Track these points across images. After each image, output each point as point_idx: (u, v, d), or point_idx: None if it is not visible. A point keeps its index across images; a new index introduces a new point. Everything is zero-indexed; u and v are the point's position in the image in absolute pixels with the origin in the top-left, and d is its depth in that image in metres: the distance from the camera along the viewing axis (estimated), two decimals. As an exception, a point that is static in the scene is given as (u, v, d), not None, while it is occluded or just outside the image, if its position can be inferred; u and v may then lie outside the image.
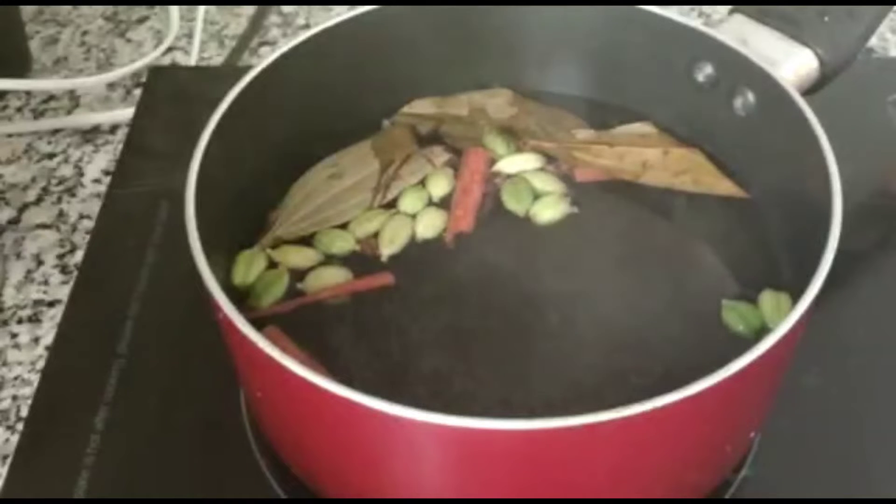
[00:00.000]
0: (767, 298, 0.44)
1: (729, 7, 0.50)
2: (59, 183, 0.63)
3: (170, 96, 0.65)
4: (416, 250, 0.47)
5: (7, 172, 0.63)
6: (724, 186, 0.49)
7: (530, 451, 0.35)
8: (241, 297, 0.44)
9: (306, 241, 0.47)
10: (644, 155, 0.50)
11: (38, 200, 0.62)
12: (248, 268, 0.45)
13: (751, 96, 0.47)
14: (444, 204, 0.49)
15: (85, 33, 0.75)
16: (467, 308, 0.44)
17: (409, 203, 0.48)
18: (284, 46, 0.47)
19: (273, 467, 0.45)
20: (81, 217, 0.60)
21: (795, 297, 0.37)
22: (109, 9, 0.77)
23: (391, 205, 0.48)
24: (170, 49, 0.73)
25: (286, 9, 0.77)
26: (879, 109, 0.62)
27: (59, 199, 0.61)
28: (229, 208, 0.44)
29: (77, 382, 0.49)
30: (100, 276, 0.54)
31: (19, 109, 0.68)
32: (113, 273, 0.54)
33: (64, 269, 0.57)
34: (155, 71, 0.67)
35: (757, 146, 0.47)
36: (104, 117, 0.66)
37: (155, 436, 0.47)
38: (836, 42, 0.48)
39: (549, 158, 0.51)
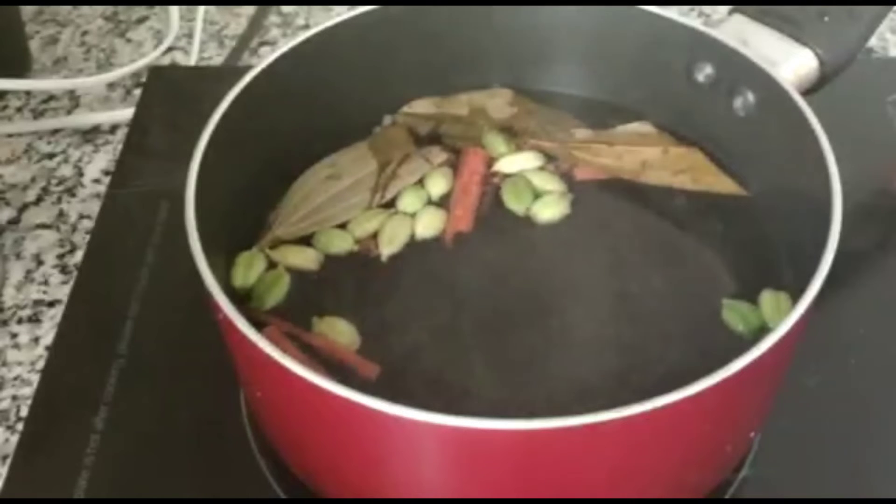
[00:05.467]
0: (767, 298, 0.44)
1: (729, 7, 0.50)
2: (59, 183, 0.63)
3: (170, 96, 0.65)
4: (415, 250, 0.47)
5: (7, 172, 0.63)
6: (724, 185, 0.49)
7: (530, 451, 0.35)
8: (241, 298, 0.44)
9: (305, 241, 0.47)
10: (644, 154, 0.50)
11: (38, 200, 0.62)
12: (248, 270, 0.45)
13: (751, 96, 0.47)
14: (443, 203, 0.49)
15: (85, 33, 0.75)
16: (467, 308, 0.44)
17: (408, 202, 0.48)
18: (284, 46, 0.47)
19: (273, 467, 0.45)
20: (81, 217, 0.60)
21: (795, 297, 0.37)
22: (109, 9, 0.77)
23: (390, 204, 0.48)
24: (170, 49, 0.73)
25: (286, 9, 0.77)
26: (879, 109, 0.62)
27: (59, 199, 0.61)
28: (229, 208, 0.44)
29: (77, 382, 0.49)
30: (100, 276, 0.54)
31: (19, 109, 0.68)
32: (113, 273, 0.54)
33: (64, 269, 0.57)
34: (155, 71, 0.67)
35: (757, 146, 0.47)
36: (104, 117, 0.66)
37: (155, 436, 0.47)
38: (836, 42, 0.48)
39: (549, 157, 0.51)
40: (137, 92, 0.67)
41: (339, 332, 0.43)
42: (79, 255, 0.57)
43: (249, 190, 0.46)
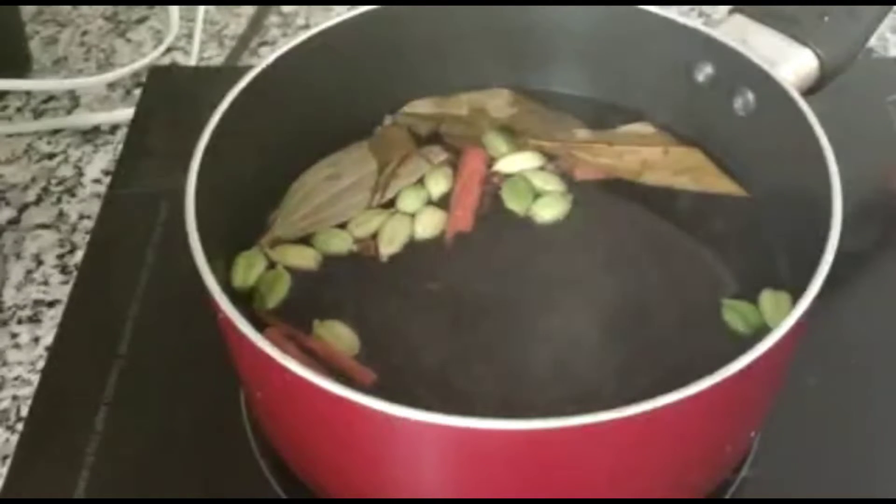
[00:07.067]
0: (767, 298, 0.44)
1: (729, 7, 0.50)
2: (59, 183, 0.63)
3: (170, 96, 0.65)
4: (415, 250, 0.47)
5: (7, 172, 0.63)
6: (724, 185, 0.49)
7: (530, 451, 0.35)
8: (242, 298, 0.44)
9: (305, 240, 0.47)
10: (644, 154, 0.50)
11: (38, 200, 0.62)
12: (248, 270, 0.45)
13: (751, 96, 0.47)
14: (443, 203, 0.49)
15: (85, 33, 0.75)
16: (467, 307, 0.44)
17: (408, 202, 0.48)
18: (284, 46, 0.47)
19: (273, 467, 0.45)
20: (81, 217, 0.60)
21: (795, 297, 0.37)
22: (109, 9, 0.77)
23: (390, 204, 0.48)
24: (170, 49, 0.73)
25: (286, 9, 0.77)
26: (879, 109, 0.62)
27: (59, 199, 0.61)
28: (229, 208, 0.44)
29: (77, 382, 0.49)
30: (100, 276, 0.54)
31: (19, 109, 0.68)
32: (113, 273, 0.54)
33: (64, 269, 0.57)
34: (155, 71, 0.67)
35: (757, 146, 0.47)
36: (104, 117, 0.66)
37: (155, 436, 0.47)
38: (836, 42, 0.48)
39: (549, 157, 0.51)
40: (137, 92, 0.67)
41: (339, 337, 0.43)
42: (79, 255, 0.57)
43: (249, 190, 0.46)
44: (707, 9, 0.75)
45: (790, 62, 0.47)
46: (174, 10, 0.74)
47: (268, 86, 0.46)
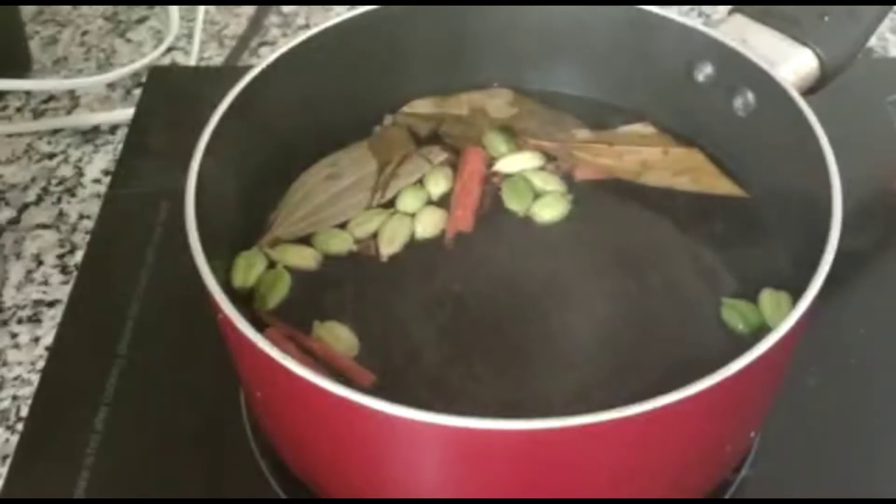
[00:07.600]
0: (767, 298, 0.44)
1: (729, 7, 0.50)
2: (59, 183, 0.63)
3: (170, 96, 0.65)
4: (415, 250, 0.47)
5: (7, 172, 0.63)
6: (724, 186, 0.49)
7: (530, 451, 0.35)
8: (243, 298, 0.44)
9: (305, 240, 0.47)
10: (644, 154, 0.50)
11: (38, 200, 0.62)
12: (248, 269, 0.45)
13: (751, 96, 0.47)
14: (443, 203, 0.49)
15: (85, 33, 0.75)
16: (467, 308, 0.44)
17: (408, 202, 0.48)
18: (284, 46, 0.47)
19: (273, 467, 0.45)
20: (81, 217, 0.60)
21: (795, 296, 0.37)
22: (109, 9, 0.77)
23: (390, 204, 0.48)
24: (170, 49, 0.73)
25: (286, 9, 0.77)
26: (879, 109, 0.62)
27: (59, 199, 0.61)
28: (229, 208, 0.44)
29: (77, 382, 0.49)
30: (100, 276, 0.54)
31: (19, 109, 0.68)
32: (113, 273, 0.54)
33: (64, 269, 0.57)
34: (155, 71, 0.67)
35: (757, 146, 0.47)
36: (104, 117, 0.66)
37: (155, 436, 0.47)
38: (836, 42, 0.48)
39: (549, 157, 0.51)
40: (137, 92, 0.67)
41: (338, 338, 0.43)
42: (79, 255, 0.57)
43: (249, 190, 0.46)
44: (707, 9, 0.75)
45: (790, 62, 0.47)
46: (174, 10, 0.74)
47: (268, 86, 0.46)
